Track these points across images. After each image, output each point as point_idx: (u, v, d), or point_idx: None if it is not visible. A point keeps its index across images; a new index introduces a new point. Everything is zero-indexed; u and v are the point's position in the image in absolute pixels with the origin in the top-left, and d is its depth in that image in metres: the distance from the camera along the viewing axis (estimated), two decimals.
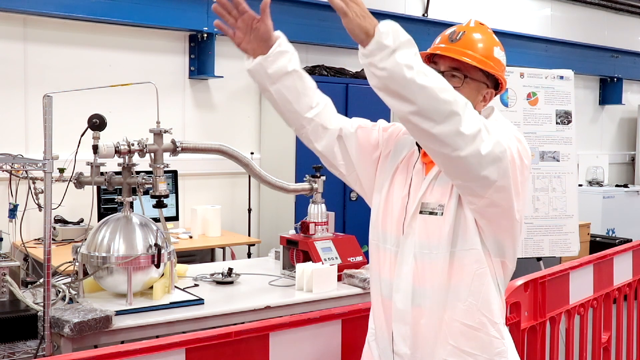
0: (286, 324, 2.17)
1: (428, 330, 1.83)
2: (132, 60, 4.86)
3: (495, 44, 1.88)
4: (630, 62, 8.53)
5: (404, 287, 1.84)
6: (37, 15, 4.42)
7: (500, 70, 1.87)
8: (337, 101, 6.29)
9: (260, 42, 1.84)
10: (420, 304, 1.82)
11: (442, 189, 1.82)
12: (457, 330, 1.81)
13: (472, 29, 1.88)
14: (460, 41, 1.85)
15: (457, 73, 1.82)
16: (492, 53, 1.86)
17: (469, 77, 1.83)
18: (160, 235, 2.82)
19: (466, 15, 6.75)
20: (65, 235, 4.20)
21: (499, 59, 1.87)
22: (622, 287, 3.46)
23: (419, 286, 1.82)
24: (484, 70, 1.83)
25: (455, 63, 1.82)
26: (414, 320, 1.84)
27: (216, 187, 5.28)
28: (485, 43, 1.86)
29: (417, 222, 1.84)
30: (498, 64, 1.86)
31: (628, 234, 6.73)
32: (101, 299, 2.76)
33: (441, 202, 1.81)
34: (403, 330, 1.86)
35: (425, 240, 1.82)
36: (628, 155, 8.92)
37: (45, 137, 2.43)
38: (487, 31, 1.91)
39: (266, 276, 3.32)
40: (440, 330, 1.82)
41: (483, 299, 1.81)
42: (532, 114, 4.65)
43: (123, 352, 1.83)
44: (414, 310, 1.83)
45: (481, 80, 1.85)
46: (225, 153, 3.08)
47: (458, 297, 1.80)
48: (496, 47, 1.87)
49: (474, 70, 1.83)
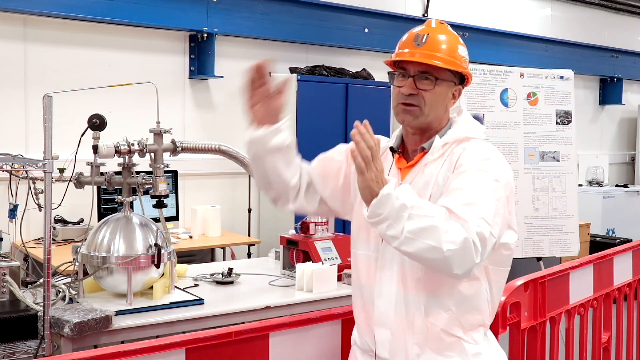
0: (286, 324, 2.17)
1: (408, 335, 1.83)
2: (132, 60, 4.86)
3: (458, 41, 1.90)
4: (630, 62, 8.53)
5: (386, 292, 1.85)
6: (37, 15, 4.42)
7: (465, 66, 1.89)
8: (337, 101, 6.26)
9: (269, 114, 1.89)
10: (402, 310, 1.83)
11: (419, 195, 1.78)
12: (437, 336, 1.81)
13: (434, 30, 1.89)
14: (426, 44, 1.85)
15: (429, 76, 1.83)
16: (456, 51, 1.87)
17: (440, 79, 1.84)
18: (160, 235, 2.82)
19: (466, 15, 6.78)
20: (65, 235, 4.20)
21: (463, 55, 1.88)
22: (622, 287, 3.46)
23: (402, 292, 1.82)
24: (452, 69, 1.85)
25: (424, 67, 1.83)
26: (395, 325, 1.84)
27: (216, 187, 5.28)
28: (449, 43, 1.87)
29: None
30: (463, 61, 1.88)
31: (628, 234, 6.73)
32: (101, 299, 2.76)
33: None
34: (384, 335, 1.87)
35: None
36: (628, 155, 8.92)
37: (45, 137, 2.43)
38: (448, 30, 1.92)
39: (266, 276, 3.32)
40: (421, 335, 1.82)
41: (468, 308, 1.82)
42: (532, 114, 4.65)
43: (123, 352, 1.83)
44: (396, 315, 1.84)
45: (449, 79, 1.86)
46: (225, 153, 3.08)
47: (441, 305, 1.80)
48: (459, 45, 1.89)
49: (443, 71, 1.84)
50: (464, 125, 1.89)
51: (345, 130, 5.35)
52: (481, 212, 1.66)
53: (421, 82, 1.83)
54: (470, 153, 1.80)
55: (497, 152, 1.84)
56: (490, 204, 1.69)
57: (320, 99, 5.23)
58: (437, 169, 1.82)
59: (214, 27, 5.02)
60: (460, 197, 1.69)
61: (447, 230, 1.61)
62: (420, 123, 1.86)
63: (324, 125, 5.24)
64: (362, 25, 5.88)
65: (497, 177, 1.75)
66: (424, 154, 1.87)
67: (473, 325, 1.83)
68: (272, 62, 1.86)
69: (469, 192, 1.70)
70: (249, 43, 5.40)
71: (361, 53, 6.00)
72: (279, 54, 5.56)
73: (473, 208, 1.66)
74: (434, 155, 1.84)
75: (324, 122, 5.24)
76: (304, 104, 5.12)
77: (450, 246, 1.60)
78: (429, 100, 1.83)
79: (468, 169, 1.75)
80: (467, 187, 1.71)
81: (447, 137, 1.86)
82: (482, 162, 1.77)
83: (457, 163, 1.79)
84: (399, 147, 1.95)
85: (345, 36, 5.80)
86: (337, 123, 5.32)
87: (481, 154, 1.79)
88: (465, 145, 1.83)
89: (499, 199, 1.72)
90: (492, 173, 1.75)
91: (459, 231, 1.61)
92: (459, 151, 1.82)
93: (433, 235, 1.60)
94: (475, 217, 1.64)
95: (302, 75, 5.19)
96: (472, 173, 1.74)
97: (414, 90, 1.83)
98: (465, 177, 1.74)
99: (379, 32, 5.97)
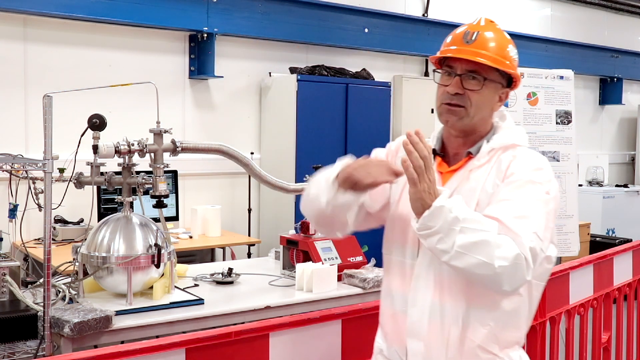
0: (286, 324, 2.17)
1: (442, 349, 1.74)
2: (132, 60, 4.86)
3: (508, 41, 1.83)
4: (630, 62, 8.53)
5: (420, 302, 1.76)
6: (37, 15, 4.42)
7: (515, 67, 1.81)
8: (337, 101, 6.27)
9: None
10: (437, 321, 1.74)
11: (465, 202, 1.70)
12: (472, 352, 1.72)
13: (484, 28, 1.82)
14: (475, 42, 1.77)
15: (477, 75, 1.75)
16: (506, 51, 1.80)
17: (488, 79, 1.76)
18: (160, 235, 2.82)
19: (466, 15, 6.77)
20: (65, 235, 4.20)
21: (512, 56, 1.81)
22: (622, 287, 3.46)
23: (438, 302, 1.73)
24: (500, 70, 1.77)
25: (472, 65, 1.75)
26: (428, 337, 1.75)
27: (216, 187, 5.28)
28: (499, 42, 1.80)
29: None
30: (513, 62, 1.81)
31: (628, 234, 6.73)
32: (101, 299, 2.76)
33: None
34: (416, 347, 1.77)
35: None
36: (628, 155, 8.92)
37: (45, 137, 2.42)
38: (498, 29, 1.85)
39: (266, 276, 3.32)
40: (455, 350, 1.72)
41: (507, 324, 1.74)
42: (532, 114, 4.65)
43: (123, 352, 1.83)
44: (430, 326, 1.74)
45: (498, 80, 1.78)
46: (225, 153, 3.08)
47: (480, 320, 1.72)
48: (509, 45, 1.82)
49: (491, 71, 1.76)
50: (510, 132, 1.81)
51: (345, 130, 5.36)
52: (534, 227, 1.61)
53: (468, 82, 1.75)
54: (522, 162, 1.72)
55: (547, 162, 1.76)
56: (541, 217, 1.64)
57: (320, 99, 5.23)
58: (484, 175, 1.74)
59: (214, 27, 5.02)
60: (512, 208, 1.63)
61: (499, 245, 1.55)
62: (464, 125, 1.77)
63: (324, 125, 5.25)
64: (362, 25, 5.88)
65: (548, 190, 1.69)
66: (469, 159, 1.78)
67: (510, 343, 1.75)
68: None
69: (521, 204, 1.63)
70: (249, 43, 5.40)
71: (361, 53, 6.00)
72: (279, 54, 5.57)
73: (526, 221, 1.60)
74: (480, 161, 1.76)
75: (324, 122, 5.24)
76: (304, 104, 5.12)
77: (502, 262, 1.54)
78: (476, 101, 1.75)
79: (519, 179, 1.68)
80: (519, 199, 1.64)
81: (494, 143, 1.77)
82: (533, 172, 1.70)
83: (508, 172, 1.71)
84: (441, 150, 1.86)
85: (345, 36, 5.80)
86: (337, 123, 5.32)
87: (533, 164, 1.72)
88: (515, 153, 1.75)
89: (549, 212, 1.67)
90: (543, 185, 1.68)
91: (511, 247, 1.55)
92: (508, 159, 1.73)
93: (485, 251, 1.55)
94: (528, 232, 1.59)
95: (302, 75, 5.19)
96: (524, 184, 1.67)
97: (461, 89, 1.74)
98: (517, 187, 1.67)
99: (379, 32, 5.97)
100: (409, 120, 6.14)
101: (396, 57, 6.27)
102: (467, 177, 1.75)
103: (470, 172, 1.76)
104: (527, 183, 1.67)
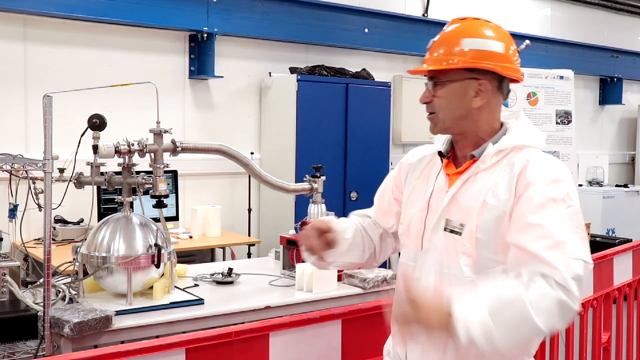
0: (286, 324, 2.17)
1: (439, 354, 1.72)
2: (132, 60, 4.86)
3: (466, 34, 1.76)
4: (630, 62, 8.53)
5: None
6: (37, 15, 4.42)
7: (475, 57, 1.72)
8: (337, 101, 6.26)
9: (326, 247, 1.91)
10: None
11: (466, 206, 1.70)
12: (471, 357, 1.63)
13: (443, 32, 1.83)
14: (429, 50, 1.80)
15: (438, 80, 1.75)
16: (456, 47, 1.74)
17: (448, 81, 1.73)
18: (160, 235, 2.82)
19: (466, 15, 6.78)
20: (65, 235, 4.19)
21: (469, 48, 1.73)
22: (622, 287, 3.46)
23: None
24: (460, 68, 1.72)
25: (430, 72, 1.77)
26: (427, 340, 1.69)
27: (216, 187, 5.28)
28: (450, 40, 1.77)
29: (438, 238, 1.74)
30: (467, 54, 1.72)
31: (628, 234, 6.72)
32: (101, 299, 2.76)
33: (462, 221, 1.70)
34: (415, 350, 1.77)
35: (445, 259, 1.72)
36: (628, 155, 8.92)
37: (45, 137, 2.42)
38: (458, 26, 1.81)
39: (266, 276, 3.32)
40: (452, 357, 1.70)
41: None
42: (532, 114, 4.66)
43: (123, 352, 1.83)
44: None
45: (461, 78, 1.72)
46: (225, 153, 3.08)
47: None
48: (464, 38, 1.75)
49: (448, 73, 1.73)
50: (521, 132, 1.75)
51: (345, 131, 5.36)
52: (570, 252, 1.54)
53: (434, 89, 1.76)
54: (537, 170, 1.64)
55: (563, 167, 1.69)
56: (574, 237, 1.57)
57: (320, 99, 5.23)
58: (491, 178, 1.69)
59: (214, 27, 5.02)
60: (543, 238, 1.55)
61: (536, 309, 1.46)
62: (442, 130, 1.78)
63: (324, 125, 5.25)
64: (362, 25, 5.88)
65: (571, 203, 1.62)
66: (473, 162, 1.75)
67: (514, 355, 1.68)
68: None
69: (551, 231, 1.56)
70: (249, 43, 5.40)
71: (361, 53, 6.00)
72: (279, 54, 5.57)
73: (561, 251, 1.53)
74: (486, 164, 1.71)
75: (324, 122, 5.24)
76: (304, 104, 5.12)
77: (548, 322, 1.48)
78: (438, 105, 1.75)
79: (539, 195, 1.60)
80: (547, 224, 1.57)
81: (501, 144, 1.72)
82: (553, 186, 1.62)
83: (522, 179, 1.64)
84: (448, 152, 1.83)
85: (345, 36, 5.80)
86: (337, 123, 5.32)
87: (549, 174, 1.64)
88: (528, 157, 1.68)
89: (578, 223, 1.61)
90: (567, 201, 1.61)
91: (546, 299, 1.47)
92: (521, 162, 1.67)
93: (527, 326, 1.47)
94: (565, 262, 1.51)
95: (302, 75, 5.19)
96: (547, 203, 1.59)
97: (427, 98, 1.77)
98: (540, 208, 1.59)
99: (379, 32, 5.97)
100: (409, 120, 6.14)
101: (396, 57, 6.27)
102: (473, 180, 1.72)
103: (476, 175, 1.72)
104: (549, 202, 1.59)
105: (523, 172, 1.65)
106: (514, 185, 1.65)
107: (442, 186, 1.78)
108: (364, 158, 5.43)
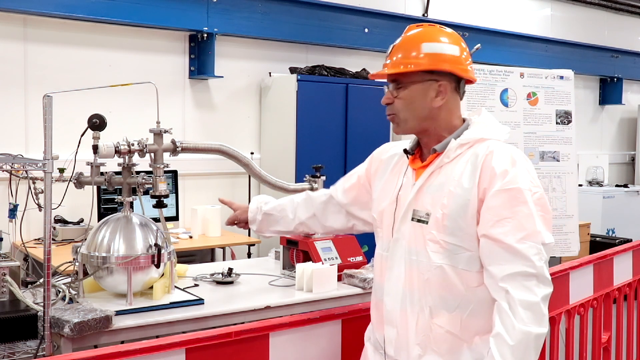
0: (286, 324, 2.17)
1: (411, 335, 1.84)
2: (132, 60, 4.86)
3: (425, 39, 1.86)
4: (630, 62, 8.54)
5: (393, 291, 1.88)
6: (37, 15, 4.42)
7: (439, 61, 1.83)
8: (337, 101, 6.26)
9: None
10: (406, 309, 1.85)
11: (431, 197, 1.83)
12: (441, 338, 1.80)
13: (402, 37, 1.92)
14: (389, 55, 1.91)
15: (399, 83, 1.88)
16: (413, 52, 1.85)
17: (407, 82, 1.86)
18: (160, 235, 2.82)
19: (466, 15, 6.77)
20: (65, 235, 4.20)
21: (425, 51, 1.84)
22: (622, 287, 3.46)
23: (408, 291, 1.84)
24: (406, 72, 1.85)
25: (392, 76, 1.90)
26: (400, 324, 1.86)
27: (216, 187, 5.28)
28: (408, 44, 1.88)
29: (407, 227, 1.87)
30: (424, 57, 1.84)
31: (628, 234, 6.73)
32: (101, 299, 2.76)
33: (428, 211, 1.82)
34: (391, 333, 1.89)
35: (414, 247, 1.85)
36: (628, 155, 8.92)
37: (45, 137, 2.42)
38: (416, 32, 1.91)
39: (266, 276, 3.32)
40: (424, 336, 1.82)
41: (475, 312, 1.79)
42: (532, 114, 4.65)
43: (123, 352, 1.83)
44: (402, 313, 1.86)
45: (421, 80, 1.85)
46: (225, 153, 3.08)
47: (447, 308, 1.80)
48: (423, 43, 1.85)
49: (408, 75, 1.85)
50: (482, 126, 1.87)
51: (345, 130, 5.36)
52: (537, 238, 1.70)
53: (395, 91, 1.88)
54: (499, 161, 1.76)
55: (523, 156, 1.81)
56: (539, 222, 1.72)
57: (320, 99, 5.23)
58: (457, 170, 1.81)
59: (214, 27, 5.02)
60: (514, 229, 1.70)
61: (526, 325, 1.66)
62: (405, 130, 1.91)
63: (324, 125, 5.25)
64: (362, 25, 5.89)
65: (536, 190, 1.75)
66: (436, 156, 1.87)
67: (479, 331, 1.80)
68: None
69: (520, 221, 1.71)
70: (249, 43, 5.41)
71: (361, 53, 6.00)
72: (279, 54, 5.57)
73: (529, 241, 1.70)
74: (450, 157, 1.84)
75: (324, 122, 5.24)
76: (304, 104, 5.12)
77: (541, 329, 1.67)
78: (398, 107, 1.89)
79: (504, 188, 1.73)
80: (518, 216, 1.71)
81: (463, 138, 1.84)
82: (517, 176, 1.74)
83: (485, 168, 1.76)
84: (414, 149, 1.97)
85: (345, 36, 5.81)
86: (337, 123, 5.32)
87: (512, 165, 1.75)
88: (491, 149, 1.79)
89: (543, 206, 1.74)
90: (532, 188, 1.74)
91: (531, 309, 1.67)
92: (484, 153, 1.79)
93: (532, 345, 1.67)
94: (534, 251, 1.69)
95: (302, 75, 5.19)
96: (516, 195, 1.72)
97: (389, 99, 1.91)
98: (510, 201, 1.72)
99: (379, 32, 5.97)
100: None
101: None
102: (438, 173, 1.85)
103: (441, 168, 1.85)
104: (518, 193, 1.72)
105: (486, 162, 1.77)
106: (478, 175, 1.76)
107: (410, 180, 1.91)
108: (364, 158, 5.39)
